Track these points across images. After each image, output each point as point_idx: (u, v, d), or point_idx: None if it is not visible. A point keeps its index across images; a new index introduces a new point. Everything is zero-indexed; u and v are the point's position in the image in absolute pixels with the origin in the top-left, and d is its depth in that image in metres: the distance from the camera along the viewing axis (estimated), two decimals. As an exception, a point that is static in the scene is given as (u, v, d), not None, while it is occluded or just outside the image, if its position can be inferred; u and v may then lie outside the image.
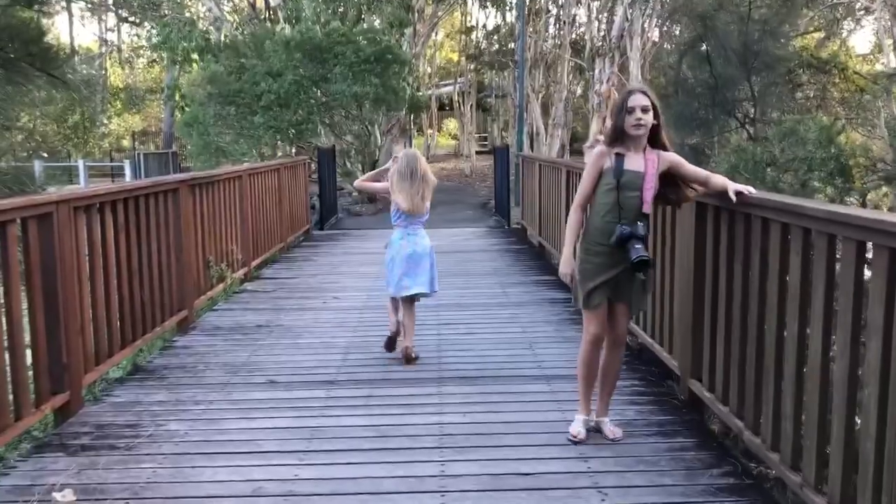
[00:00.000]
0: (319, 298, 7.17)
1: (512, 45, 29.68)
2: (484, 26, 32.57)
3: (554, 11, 27.69)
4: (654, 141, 3.60)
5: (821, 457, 2.84)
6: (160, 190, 5.67)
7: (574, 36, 27.56)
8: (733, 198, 3.46)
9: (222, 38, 19.74)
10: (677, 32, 22.20)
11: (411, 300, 5.13)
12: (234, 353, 5.35)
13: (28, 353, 3.80)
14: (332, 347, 5.46)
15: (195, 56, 18.97)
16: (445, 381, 4.65)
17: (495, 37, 31.59)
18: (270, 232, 9.47)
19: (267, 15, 25.92)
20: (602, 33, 19.78)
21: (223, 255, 7.37)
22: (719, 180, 3.61)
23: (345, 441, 3.77)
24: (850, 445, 2.65)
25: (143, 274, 5.27)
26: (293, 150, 18.25)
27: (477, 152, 32.61)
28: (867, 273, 2.60)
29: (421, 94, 23.66)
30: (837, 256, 2.80)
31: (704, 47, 14.97)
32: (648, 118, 3.50)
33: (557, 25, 27.80)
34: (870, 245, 2.56)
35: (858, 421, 2.65)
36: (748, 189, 3.46)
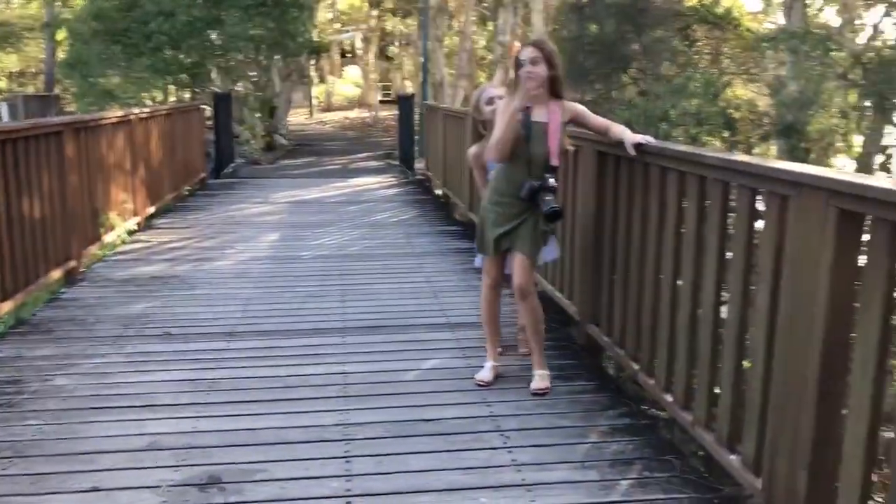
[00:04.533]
0: (217, 248, 6.94)
1: (415, -8, 29.20)
2: (387, -29, 31.84)
3: (458, -42, 27.33)
4: (556, 92, 3.61)
5: (711, 396, 2.97)
6: (41, 133, 5.30)
7: (478, -16, 27.33)
8: (631, 151, 3.49)
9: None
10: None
11: None
12: (127, 306, 5.12)
13: None
14: (231, 298, 5.31)
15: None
16: (349, 331, 4.60)
17: (399, -18, 30.99)
18: (163, 180, 9.06)
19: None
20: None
21: (113, 204, 7.01)
22: (618, 130, 3.64)
23: (245, 392, 3.67)
24: (737, 385, 2.78)
25: (25, 222, 4.94)
26: (187, 96, 17.44)
27: (380, 101, 32.21)
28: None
29: (321, 39, 23.02)
30: (731, 205, 2.88)
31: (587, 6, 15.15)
32: (538, 70, 3.49)
33: (461, -27, 27.48)
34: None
35: (746, 363, 2.78)
36: (647, 139, 3.51)
